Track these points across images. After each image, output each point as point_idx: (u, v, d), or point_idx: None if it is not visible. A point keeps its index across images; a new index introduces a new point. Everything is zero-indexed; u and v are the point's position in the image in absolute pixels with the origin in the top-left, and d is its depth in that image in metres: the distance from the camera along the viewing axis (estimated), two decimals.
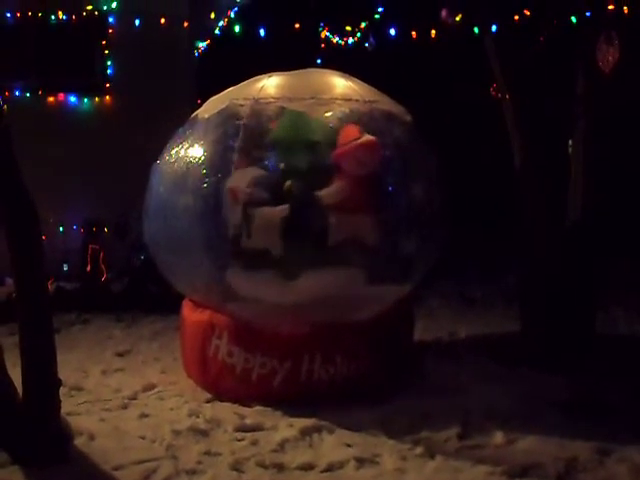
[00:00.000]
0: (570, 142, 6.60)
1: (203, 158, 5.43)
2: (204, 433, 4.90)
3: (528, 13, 6.31)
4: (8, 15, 8.76)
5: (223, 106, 5.66)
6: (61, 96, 8.98)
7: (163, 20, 8.81)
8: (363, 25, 10.06)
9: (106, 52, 8.95)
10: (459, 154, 12.16)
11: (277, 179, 5.27)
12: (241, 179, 5.27)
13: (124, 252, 8.49)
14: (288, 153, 5.33)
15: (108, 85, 9.00)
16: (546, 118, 6.39)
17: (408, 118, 5.86)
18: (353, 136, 5.32)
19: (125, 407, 5.40)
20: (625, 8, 5.99)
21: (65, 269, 8.66)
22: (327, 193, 5.25)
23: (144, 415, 5.22)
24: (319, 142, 5.37)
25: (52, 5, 8.77)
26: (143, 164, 6.15)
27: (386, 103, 5.82)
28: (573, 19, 6.18)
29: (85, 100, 9.01)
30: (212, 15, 9.98)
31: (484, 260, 9.96)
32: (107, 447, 4.67)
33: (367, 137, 5.32)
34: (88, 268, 8.44)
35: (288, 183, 5.24)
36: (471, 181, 11.93)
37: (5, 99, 8.18)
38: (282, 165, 5.29)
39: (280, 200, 5.21)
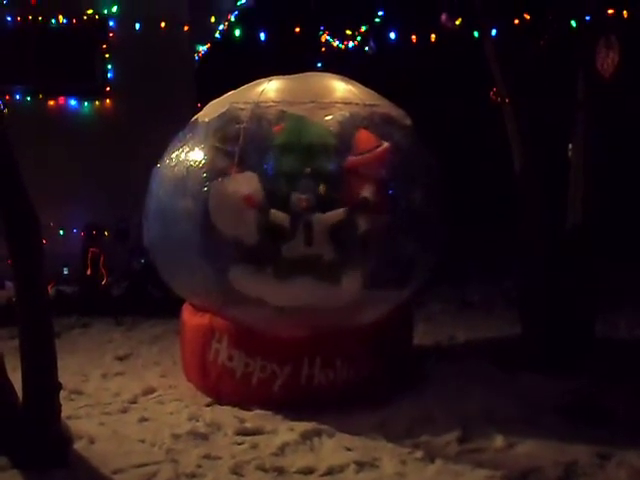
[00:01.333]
0: (570, 146, 6.60)
1: (203, 162, 5.43)
2: (204, 437, 4.89)
3: (528, 17, 6.32)
4: (9, 19, 8.77)
5: (223, 110, 5.66)
6: (61, 100, 8.99)
7: (163, 24, 8.81)
8: (363, 29, 10.08)
9: (106, 56, 8.97)
10: (459, 157, 12.19)
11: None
12: (247, 185, 5.26)
13: (124, 256, 8.49)
14: (297, 158, 5.33)
15: (108, 89, 9.01)
16: (546, 122, 6.40)
17: (408, 122, 5.85)
18: (373, 143, 5.36)
19: (125, 411, 5.40)
20: (624, 12, 6.00)
21: (65, 273, 8.66)
22: (370, 196, 5.28)
23: (144, 419, 5.22)
24: (326, 146, 5.38)
25: (53, 9, 8.77)
26: (143, 168, 6.15)
27: (386, 107, 5.82)
28: (573, 23, 6.18)
29: (85, 104, 9.02)
30: (212, 19, 10.00)
31: (484, 263, 9.95)
32: (107, 451, 4.67)
33: (386, 143, 5.39)
34: (88, 272, 8.44)
35: (321, 187, 5.24)
36: (471, 184, 11.95)
37: (6, 103, 8.21)
38: (308, 170, 5.27)
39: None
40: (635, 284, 8.71)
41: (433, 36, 7.87)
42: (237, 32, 9.32)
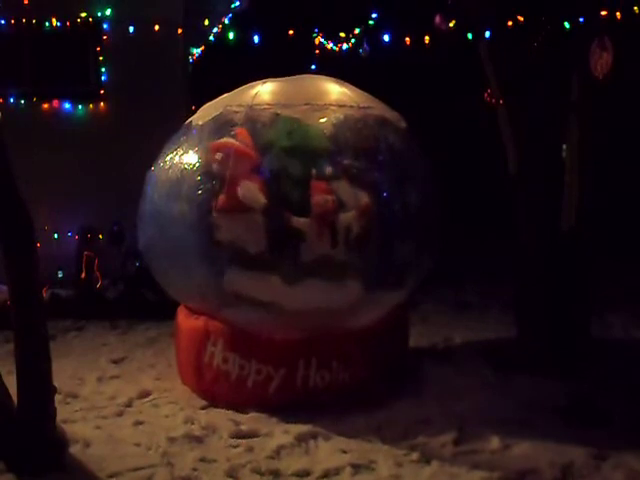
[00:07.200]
0: (564, 147, 6.61)
1: (198, 165, 5.43)
2: (199, 440, 4.89)
3: (522, 19, 6.32)
4: (2, 22, 8.75)
5: (217, 112, 5.66)
6: (55, 103, 8.97)
7: (157, 27, 8.79)
8: (357, 31, 10.07)
9: (100, 59, 8.96)
10: (455, 159, 12.20)
11: None
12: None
13: (119, 259, 8.48)
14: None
15: (102, 92, 8.99)
16: (540, 123, 6.40)
17: (402, 124, 5.86)
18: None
19: (120, 414, 5.39)
20: (618, 13, 6.01)
21: (60, 276, 8.65)
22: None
23: (139, 422, 5.22)
24: (314, 149, 5.37)
25: (46, 12, 8.76)
26: (138, 171, 6.15)
27: (380, 109, 5.82)
28: (566, 24, 6.19)
29: (79, 107, 9.00)
30: (206, 22, 9.98)
31: (480, 264, 9.95)
32: (102, 454, 4.66)
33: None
34: (83, 275, 8.43)
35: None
36: (466, 185, 11.96)
37: None
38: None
39: None
40: (630, 284, 8.73)
41: (427, 38, 7.86)
42: (231, 35, 9.30)
